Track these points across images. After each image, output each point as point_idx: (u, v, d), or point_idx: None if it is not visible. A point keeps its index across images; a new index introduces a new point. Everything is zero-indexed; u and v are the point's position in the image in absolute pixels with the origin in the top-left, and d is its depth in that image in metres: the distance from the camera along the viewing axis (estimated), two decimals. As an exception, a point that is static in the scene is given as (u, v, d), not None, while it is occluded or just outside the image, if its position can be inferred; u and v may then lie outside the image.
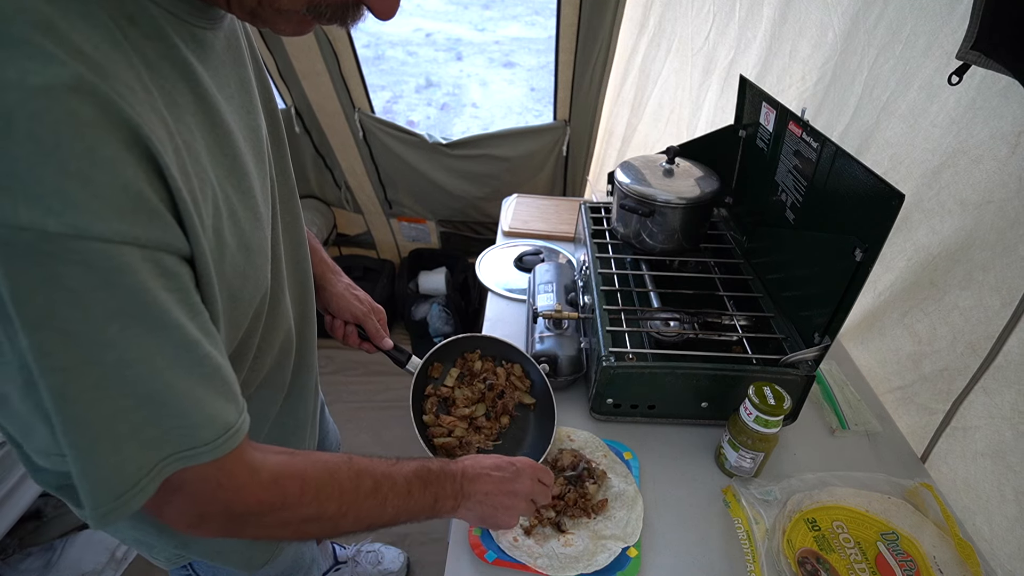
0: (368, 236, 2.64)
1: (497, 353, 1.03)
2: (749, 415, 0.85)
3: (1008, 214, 0.81)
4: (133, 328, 0.42)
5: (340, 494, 0.57)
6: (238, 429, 0.50)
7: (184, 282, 0.45)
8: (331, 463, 0.59)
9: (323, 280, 0.92)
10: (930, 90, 0.92)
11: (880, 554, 0.80)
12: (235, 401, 0.50)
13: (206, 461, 0.47)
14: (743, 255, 1.18)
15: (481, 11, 4.10)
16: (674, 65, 1.68)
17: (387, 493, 0.61)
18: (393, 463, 0.63)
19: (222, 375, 0.49)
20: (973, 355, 0.87)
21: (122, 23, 0.41)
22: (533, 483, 0.73)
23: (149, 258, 0.41)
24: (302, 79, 1.97)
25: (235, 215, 0.52)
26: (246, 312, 0.57)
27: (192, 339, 0.45)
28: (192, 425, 0.46)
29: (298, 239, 0.75)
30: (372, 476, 0.60)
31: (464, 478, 0.68)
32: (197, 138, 0.47)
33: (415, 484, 0.63)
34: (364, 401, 2.28)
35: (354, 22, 0.50)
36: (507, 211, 1.69)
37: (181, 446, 0.46)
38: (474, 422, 0.94)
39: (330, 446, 1.13)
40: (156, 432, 0.45)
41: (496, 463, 0.72)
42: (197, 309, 0.46)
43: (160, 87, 0.44)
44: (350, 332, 0.94)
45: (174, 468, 0.46)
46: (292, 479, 0.55)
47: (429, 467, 0.66)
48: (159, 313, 0.42)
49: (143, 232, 0.40)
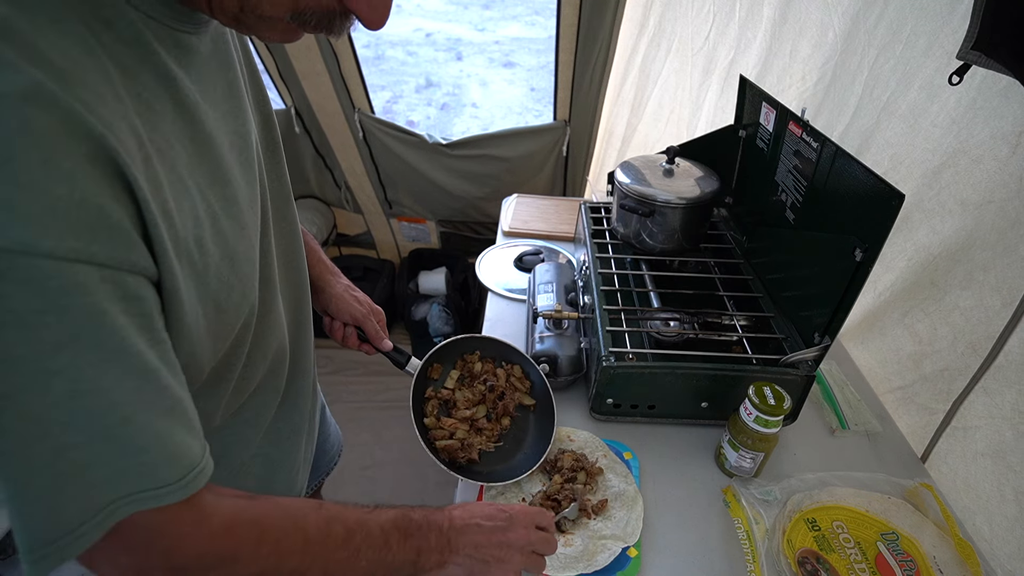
0: (368, 236, 2.64)
1: (496, 354, 1.03)
2: (749, 415, 0.85)
3: (1009, 214, 0.81)
4: (86, 355, 0.38)
5: (304, 545, 0.51)
6: (203, 468, 0.46)
7: (147, 307, 0.41)
8: (296, 508, 0.53)
9: (322, 282, 0.92)
10: (931, 90, 0.92)
11: (880, 554, 0.80)
12: (198, 437, 0.46)
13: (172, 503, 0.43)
14: (743, 255, 1.18)
15: (481, 11, 4.10)
16: (674, 65, 1.68)
17: (360, 544, 0.54)
18: (369, 511, 0.57)
19: (183, 408, 0.45)
20: (974, 355, 0.87)
21: (97, 28, 0.40)
22: (529, 531, 0.66)
23: (109, 278, 0.38)
24: (302, 79, 1.97)
25: (218, 224, 0.50)
26: (232, 322, 0.55)
27: (152, 368, 0.42)
28: (152, 463, 0.42)
29: (293, 245, 0.73)
30: (344, 524, 0.54)
31: (452, 529, 0.61)
32: (175, 146, 0.46)
33: (393, 535, 0.56)
34: (364, 401, 2.28)
35: (342, 31, 0.48)
36: (507, 211, 1.69)
37: (139, 486, 0.41)
38: (475, 424, 0.94)
39: (331, 448, 1.13)
40: (108, 471, 0.40)
41: (487, 512, 0.65)
42: (159, 337, 0.43)
43: (136, 95, 0.42)
44: (349, 334, 0.93)
45: (128, 511, 0.41)
46: (248, 526, 0.48)
47: (411, 516, 0.59)
48: (117, 339, 0.39)
49: (102, 250, 0.37)
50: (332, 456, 1.13)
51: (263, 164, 0.63)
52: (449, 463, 0.87)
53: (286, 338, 0.72)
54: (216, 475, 0.70)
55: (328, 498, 1.39)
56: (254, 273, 0.58)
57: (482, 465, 0.90)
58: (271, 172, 0.66)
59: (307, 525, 0.52)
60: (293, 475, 0.83)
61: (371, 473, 2.03)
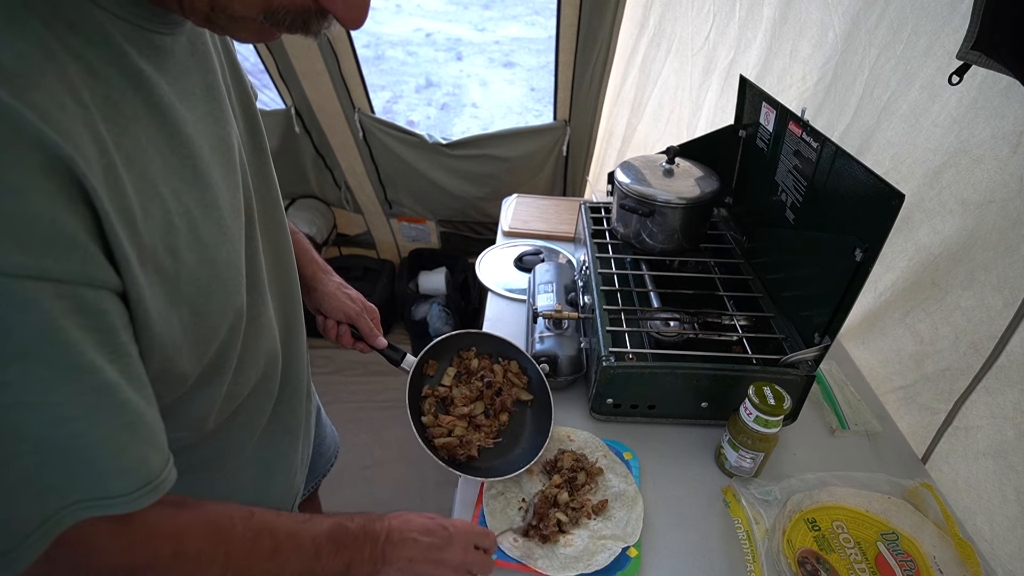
0: (368, 236, 2.64)
1: (493, 350, 1.03)
2: (749, 415, 0.85)
3: (1010, 214, 0.81)
4: (37, 370, 0.38)
5: (226, 558, 0.51)
6: (161, 482, 0.45)
7: (107, 320, 0.41)
8: (224, 518, 0.52)
9: (314, 280, 0.91)
10: (932, 90, 0.92)
11: (880, 554, 0.80)
12: (160, 452, 0.46)
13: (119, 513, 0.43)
14: (743, 255, 1.18)
15: (481, 11, 4.09)
16: (674, 65, 1.68)
17: (288, 556, 0.54)
18: (305, 519, 0.57)
19: (145, 422, 0.45)
20: (976, 355, 0.87)
21: (59, 29, 0.38)
22: (466, 552, 0.67)
23: (65, 293, 0.38)
24: (302, 79, 1.97)
25: (195, 229, 0.49)
26: (215, 326, 0.54)
27: (109, 384, 0.41)
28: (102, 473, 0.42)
29: (282, 248, 0.72)
30: (272, 535, 0.54)
31: (387, 542, 0.62)
32: (148, 150, 0.45)
33: (326, 547, 0.57)
34: (364, 401, 2.28)
35: (318, 31, 0.47)
36: (507, 211, 1.69)
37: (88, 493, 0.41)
38: (473, 420, 0.93)
39: (328, 449, 1.13)
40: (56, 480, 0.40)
41: (426, 526, 0.65)
42: (121, 351, 0.42)
43: (104, 97, 0.41)
44: (343, 332, 0.92)
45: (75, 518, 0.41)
46: (166, 539, 0.48)
47: (347, 527, 0.59)
48: (71, 355, 0.39)
49: (55, 265, 0.37)
50: (329, 458, 1.13)
51: (248, 167, 0.62)
52: (448, 460, 0.87)
53: (277, 342, 0.71)
54: (212, 479, 0.70)
55: (326, 499, 1.40)
56: (239, 278, 0.57)
57: (481, 461, 0.90)
58: (257, 175, 0.65)
59: (232, 537, 0.52)
60: (290, 478, 0.83)
61: (370, 473, 2.03)
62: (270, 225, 0.68)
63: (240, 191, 0.58)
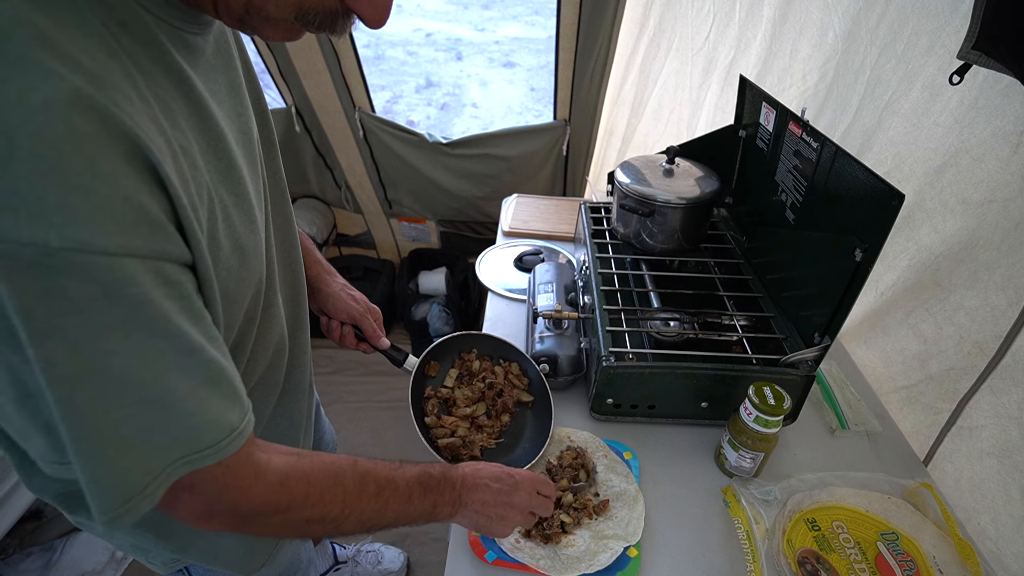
0: (368, 236, 2.64)
1: (493, 352, 1.03)
2: (749, 415, 0.85)
3: (1012, 213, 0.81)
4: (136, 336, 0.42)
5: (344, 497, 0.59)
6: (242, 430, 0.50)
7: (186, 289, 0.45)
8: (336, 465, 0.60)
9: (318, 281, 0.92)
10: (933, 89, 0.92)
11: (880, 554, 0.80)
12: (240, 402, 0.51)
13: (211, 463, 0.48)
14: (743, 255, 1.18)
15: (481, 11, 4.09)
16: (674, 65, 1.68)
17: (389, 498, 0.62)
18: (397, 467, 0.65)
19: (227, 377, 0.50)
20: (980, 355, 0.86)
21: (115, 30, 0.41)
22: (531, 496, 0.74)
23: (151, 268, 0.42)
24: (303, 78, 1.96)
25: (229, 218, 0.53)
26: (238, 313, 0.58)
27: (196, 344, 0.46)
28: (197, 427, 0.47)
29: (290, 241, 0.75)
30: (376, 480, 0.62)
31: (463, 487, 0.70)
32: (192, 143, 0.48)
33: (416, 490, 0.65)
34: (364, 401, 2.28)
35: (344, 30, 0.50)
36: (507, 211, 1.68)
37: (188, 449, 0.47)
38: (475, 421, 0.94)
39: (326, 447, 1.13)
40: (163, 437, 0.46)
41: (496, 474, 0.73)
42: (200, 315, 0.47)
43: (155, 94, 0.44)
44: (347, 333, 0.94)
45: (181, 472, 0.47)
46: (298, 481, 0.56)
47: (431, 473, 0.67)
48: (162, 321, 0.43)
49: (144, 244, 0.41)
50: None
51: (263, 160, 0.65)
52: (452, 460, 0.87)
53: (285, 332, 0.73)
54: None
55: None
56: (261, 267, 0.60)
57: (483, 460, 0.90)
58: (268, 169, 0.68)
59: (345, 481, 0.59)
60: None
61: (371, 473, 2.03)
62: (279, 219, 0.72)
63: (260, 184, 0.62)
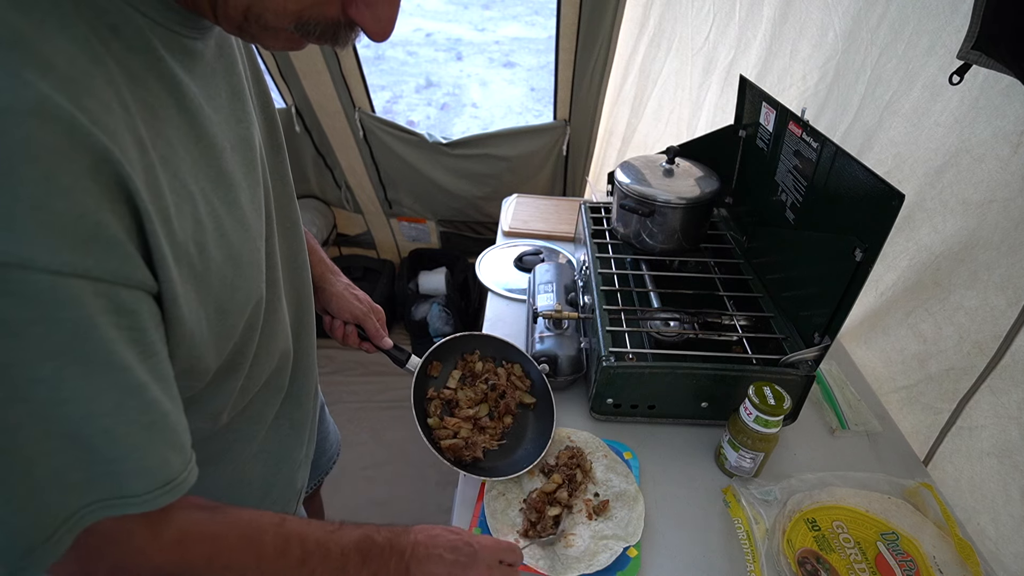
0: (368, 236, 2.64)
1: (496, 353, 1.03)
2: (749, 415, 0.85)
3: (1012, 213, 0.81)
4: (71, 367, 0.38)
5: (258, 564, 0.52)
6: (180, 483, 0.46)
7: (140, 320, 0.42)
8: (255, 525, 0.54)
9: (322, 281, 0.92)
10: (933, 89, 0.92)
11: (880, 554, 0.80)
12: (181, 453, 0.47)
13: (134, 513, 0.43)
14: (743, 255, 1.18)
15: (481, 11, 4.10)
16: (674, 65, 1.68)
17: (316, 567, 0.55)
18: (333, 529, 0.58)
19: (168, 423, 0.45)
20: (980, 355, 0.86)
21: (104, 35, 0.40)
22: (490, 570, 0.67)
23: (102, 292, 0.38)
24: (303, 78, 1.97)
25: (222, 227, 0.51)
26: (236, 323, 0.56)
27: (138, 383, 0.42)
28: (122, 472, 0.43)
29: (296, 246, 0.74)
30: (302, 544, 0.55)
31: (412, 557, 0.62)
32: (179, 151, 0.46)
33: (353, 558, 0.58)
34: (364, 401, 2.28)
35: (347, 42, 0.48)
36: (507, 211, 1.68)
37: (106, 493, 0.42)
38: (478, 423, 0.94)
39: (331, 447, 1.13)
40: (82, 477, 0.41)
41: (452, 543, 0.65)
42: (151, 350, 0.43)
43: (141, 101, 0.42)
44: (350, 332, 0.94)
45: (96, 516, 0.42)
46: (201, 542, 0.50)
47: (374, 539, 0.60)
48: (104, 353, 0.39)
49: (96, 264, 0.38)
50: (331, 456, 1.14)
51: (267, 166, 0.63)
52: (455, 461, 0.87)
53: (290, 338, 0.72)
54: (221, 471, 0.71)
55: (327, 497, 1.40)
56: (259, 275, 0.58)
57: (485, 462, 0.90)
58: (274, 174, 0.67)
59: (263, 544, 0.53)
60: (294, 472, 0.83)
61: (370, 473, 2.03)
62: (286, 223, 0.70)
63: (260, 189, 0.60)
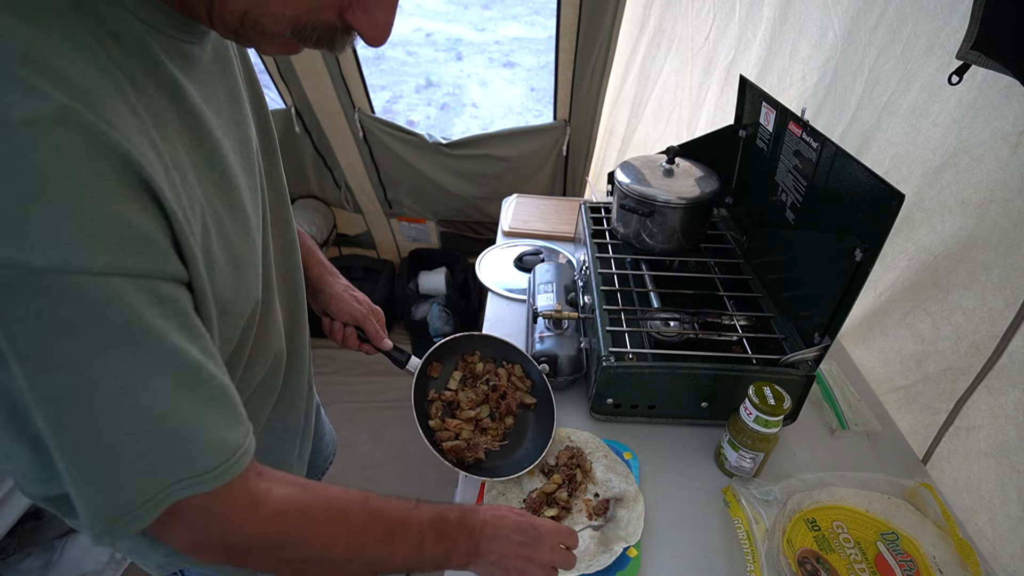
0: (368, 236, 2.64)
1: (496, 353, 1.03)
2: (749, 415, 0.85)
3: (1010, 214, 0.81)
4: (129, 356, 0.41)
5: (348, 538, 0.55)
6: (245, 450, 0.49)
7: (182, 306, 0.44)
8: (344, 502, 0.56)
9: (321, 282, 0.92)
10: (932, 89, 0.92)
11: (880, 554, 0.80)
12: (241, 422, 0.50)
13: (214, 488, 0.46)
14: (743, 255, 1.18)
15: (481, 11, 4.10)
16: (674, 65, 1.68)
17: (398, 542, 0.58)
18: (411, 507, 0.61)
19: (228, 396, 0.48)
20: (977, 355, 0.87)
21: (106, 42, 0.40)
22: (553, 551, 0.69)
23: (143, 288, 0.41)
24: (302, 79, 1.97)
25: (224, 230, 0.51)
26: (236, 325, 0.57)
27: (194, 362, 0.45)
28: (199, 449, 0.45)
29: (289, 246, 0.75)
30: (385, 521, 0.58)
31: (482, 536, 0.65)
32: (183, 155, 0.47)
33: (428, 535, 0.60)
34: (364, 401, 2.28)
35: (344, 47, 0.48)
36: (507, 211, 1.69)
37: (189, 472, 0.45)
38: (479, 424, 0.94)
39: (327, 448, 1.13)
40: (160, 458, 0.44)
41: (518, 524, 0.68)
42: (198, 332, 0.46)
43: (147, 107, 0.43)
44: (349, 334, 0.93)
45: (179, 495, 0.45)
46: (297, 517, 0.53)
47: (447, 517, 0.63)
48: (156, 340, 0.42)
49: (135, 262, 0.40)
50: (327, 456, 1.14)
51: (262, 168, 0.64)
52: (457, 463, 0.87)
53: (283, 338, 0.72)
54: None
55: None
56: (257, 277, 0.59)
57: (486, 463, 0.90)
58: (268, 175, 0.67)
59: (351, 520, 0.56)
60: (288, 472, 0.83)
61: (370, 473, 2.03)
62: (279, 224, 0.71)
63: (258, 192, 0.60)
